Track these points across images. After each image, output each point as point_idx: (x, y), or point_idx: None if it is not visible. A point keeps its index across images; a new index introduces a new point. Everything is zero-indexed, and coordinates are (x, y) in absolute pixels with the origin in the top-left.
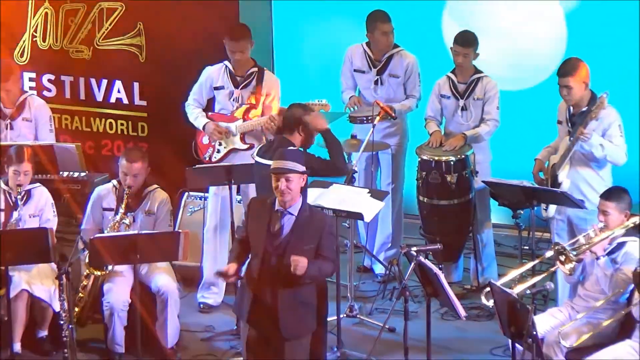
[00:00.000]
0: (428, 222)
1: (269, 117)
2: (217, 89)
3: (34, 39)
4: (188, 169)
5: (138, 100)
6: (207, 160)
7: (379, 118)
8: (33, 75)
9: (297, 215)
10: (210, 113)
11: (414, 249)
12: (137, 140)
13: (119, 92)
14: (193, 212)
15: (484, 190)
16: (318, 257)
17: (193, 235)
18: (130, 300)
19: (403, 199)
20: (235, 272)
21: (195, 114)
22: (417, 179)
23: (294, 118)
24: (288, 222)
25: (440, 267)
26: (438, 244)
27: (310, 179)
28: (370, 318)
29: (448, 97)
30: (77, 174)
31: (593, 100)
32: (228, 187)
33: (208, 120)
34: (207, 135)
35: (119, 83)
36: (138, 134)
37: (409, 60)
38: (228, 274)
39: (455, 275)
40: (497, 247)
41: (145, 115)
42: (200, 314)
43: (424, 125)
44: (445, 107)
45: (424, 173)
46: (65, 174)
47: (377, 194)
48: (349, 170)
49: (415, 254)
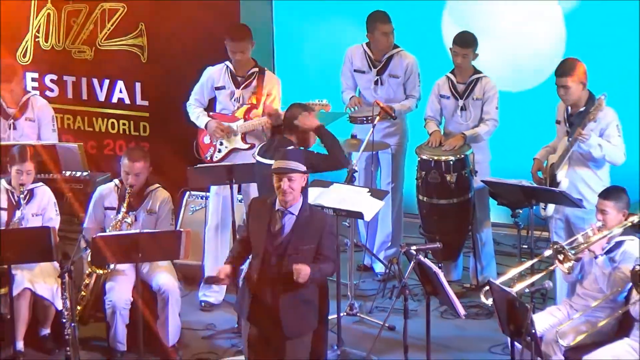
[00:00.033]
0: (428, 221)
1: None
2: (218, 89)
3: (37, 40)
4: (189, 169)
5: (140, 100)
6: (208, 160)
7: (379, 118)
8: (35, 76)
9: (297, 215)
10: (212, 113)
11: (414, 248)
12: (138, 140)
13: (121, 92)
14: (194, 211)
15: (483, 190)
16: (319, 256)
17: (194, 234)
18: (132, 299)
19: (403, 198)
20: (228, 275)
21: (197, 113)
22: (416, 179)
23: (294, 118)
24: (289, 221)
25: (440, 265)
26: (437, 243)
27: (312, 177)
28: (370, 316)
29: (447, 97)
30: (79, 174)
31: (591, 100)
32: (229, 186)
33: (210, 119)
34: (209, 134)
35: (121, 83)
36: (140, 134)
37: (409, 61)
38: (219, 279)
39: (455, 274)
40: (496, 246)
41: (147, 115)
42: (202, 312)
43: (424, 125)
44: (445, 107)
45: (424, 172)
46: (68, 174)
47: (377, 193)
48: (349, 162)
49: (415, 253)
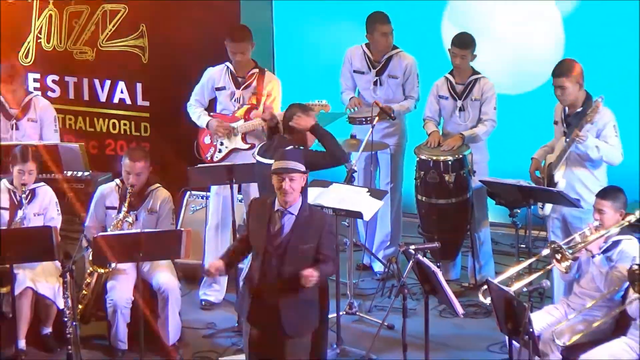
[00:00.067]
0: (426, 220)
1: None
2: (218, 90)
3: (39, 41)
4: (190, 169)
5: (141, 101)
6: (208, 160)
7: (378, 118)
8: (37, 76)
9: (297, 215)
10: (212, 113)
11: (413, 247)
12: (139, 140)
13: (122, 92)
14: (195, 210)
15: (482, 190)
16: (319, 255)
17: (195, 234)
18: (133, 298)
19: (402, 198)
20: (218, 269)
21: (198, 113)
22: (415, 179)
23: (290, 119)
24: (288, 221)
25: (439, 265)
26: (436, 243)
27: (312, 177)
28: (370, 315)
29: (446, 97)
30: (80, 173)
31: (588, 101)
32: (229, 186)
33: (211, 118)
34: (211, 132)
35: (122, 84)
36: (141, 134)
37: (408, 62)
38: (209, 272)
39: (453, 273)
40: (494, 245)
41: (148, 116)
42: (202, 311)
43: (423, 126)
44: (444, 107)
45: (423, 172)
46: (69, 174)
47: (376, 193)
48: (348, 157)
49: (414, 252)
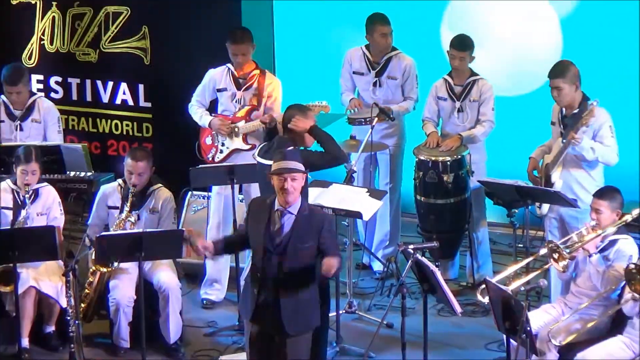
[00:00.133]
0: (425, 220)
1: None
2: (219, 91)
3: (42, 42)
4: (192, 169)
5: (143, 102)
6: (210, 160)
7: (377, 119)
8: (41, 78)
9: (296, 214)
10: (214, 114)
11: (411, 247)
12: (142, 141)
13: (125, 93)
14: (196, 210)
15: (480, 190)
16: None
17: (196, 233)
18: (136, 297)
19: (401, 198)
20: (205, 247)
21: (200, 114)
22: (414, 179)
23: (289, 121)
24: (288, 221)
25: (437, 264)
26: (435, 242)
27: (312, 176)
28: (369, 314)
29: (445, 99)
30: (83, 174)
31: (585, 102)
32: (230, 186)
33: (213, 117)
34: (214, 131)
35: (124, 85)
36: (143, 135)
37: (407, 63)
38: (196, 247)
39: (452, 273)
40: (492, 244)
41: (150, 117)
42: (203, 310)
43: (421, 127)
44: (442, 108)
45: (421, 173)
46: (72, 174)
47: (375, 194)
48: (347, 157)
49: (413, 252)
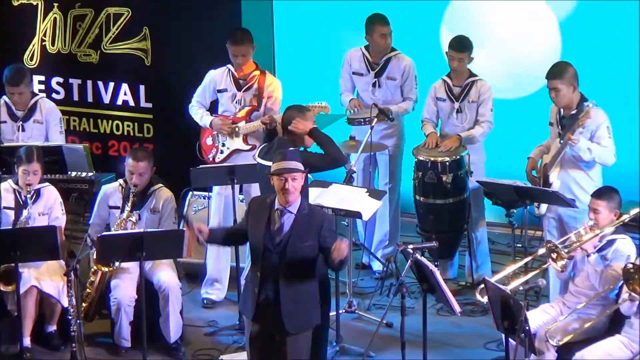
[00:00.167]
0: (424, 220)
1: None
2: (220, 92)
3: (43, 43)
4: (192, 169)
5: (144, 103)
6: (210, 161)
7: (377, 120)
8: (42, 78)
9: (296, 214)
10: (214, 115)
11: (411, 247)
12: (142, 141)
13: (126, 94)
14: (197, 210)
15: (479, 190)
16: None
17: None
18: (137, 296)
19: (400, 198)
20: (200, 230)
21: (200, 114)
22: (413, 179)
23: (289, 122)
24: (288, 220)
25: (436, 264)
26: (434, 242)
27: (312, 177)
28: (368, 313)
29: (444, 99)
30: (84, 174)
31: (583, 103)
32: (231, 186)
33: (214, 117)
34: (214, 132)
35: (125, 86)
36: (144, 135)
37: (406, 63)
38: (190, 225)
39: (451, 272)
40: (491, 244)
41: (151, 117)
42: (204, 310)
43: (420, 127)
44: (441, 109)
45: (421, 173)
46: (74, 174)
47: (375, 194)
48: (347, 159)
49: (412, 252)
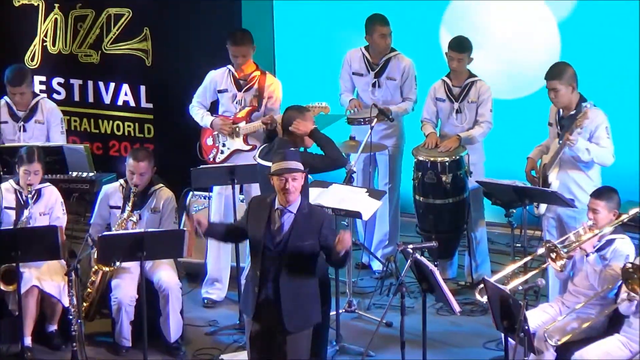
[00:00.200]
0: (424, 220)
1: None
2: (220, 92)
3: (44, 44)
4: (193, 169)
5: (144, 103)
6: (211, 161)
7: (376, 120)
8: (43, 79)
9: (296, 213)
10: (215, 115)
11: (410, 247)
12: (143, 142)
13: (126, 95)
14: (198, 210)
15: (478, 190)
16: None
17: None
18: (137, 296)
19: (400, 198)
20: (199, 223)
21: (201, 114)
22: (413, 179)
23: (289, 123)
24: (288, 219)
25: (436, 264)
26: (433, 242)
27: (312, 177)
28: (368, 313)
29: (443, 100)
30: (85, 174)
31: (582, 103)
32: (231, 186)
33: (215, 117)
34: (215, 132)
35: (126, 86)
36: (144, 136)
37: (406, 64)
38: (189, 215)
39: (450, 272)
40: (490, 244)
41: (151, 118)
42: (204, 309)
43: (420, 128)
44: (441, 109)
45: (420, 173)
46: (75, 174)
47: (374, 194)
48: (347, 161)
49: (412, 251)
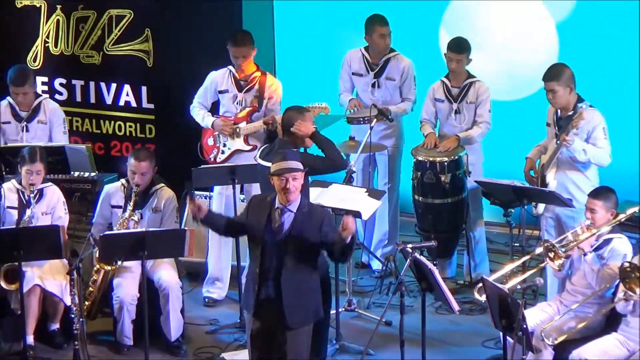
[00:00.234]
0: (423, 220)
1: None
2: (221, 93)
3: (46, 45)
4: (194, 169)
5: (146, 104)
6: (211, 161)
7: (376, 120)
8: (45, 79)
9: (296, 212)
10: (216, 115)
11: (410, 246)
12: (144, 142)
13: (128, 95)
14: None
15: (477, 190)
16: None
17: (198, 233)
18: (139, 295)
19: (399, 198)
20: (200, 208)
21: (202, 115)
22: (412, 179)
23: (290, 123)
24: (288, 218)
25: (435, 263)
26: (433, 241)
27: (312, 178)
28: (368, 312)
29: (442, 100)
30: (87, 174)
31: (579, 104)
32: (232, 186)
33: (216, 118)
34: (216, 132)
35: (128, 87)
36: (146, 136)
37: (405, 64)
38: (192, 203)
39: (449, 271)
40: (489, 244)
41: (153, 118)
42: (205, 308)
43: (419, 128)
44: (440, 110)
45: (419, 173)
46: (76, 174)
47: (374, 193)
48: (347, 163)
49: (411, 251)
